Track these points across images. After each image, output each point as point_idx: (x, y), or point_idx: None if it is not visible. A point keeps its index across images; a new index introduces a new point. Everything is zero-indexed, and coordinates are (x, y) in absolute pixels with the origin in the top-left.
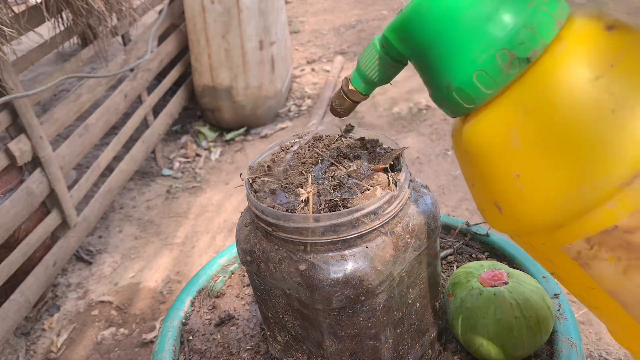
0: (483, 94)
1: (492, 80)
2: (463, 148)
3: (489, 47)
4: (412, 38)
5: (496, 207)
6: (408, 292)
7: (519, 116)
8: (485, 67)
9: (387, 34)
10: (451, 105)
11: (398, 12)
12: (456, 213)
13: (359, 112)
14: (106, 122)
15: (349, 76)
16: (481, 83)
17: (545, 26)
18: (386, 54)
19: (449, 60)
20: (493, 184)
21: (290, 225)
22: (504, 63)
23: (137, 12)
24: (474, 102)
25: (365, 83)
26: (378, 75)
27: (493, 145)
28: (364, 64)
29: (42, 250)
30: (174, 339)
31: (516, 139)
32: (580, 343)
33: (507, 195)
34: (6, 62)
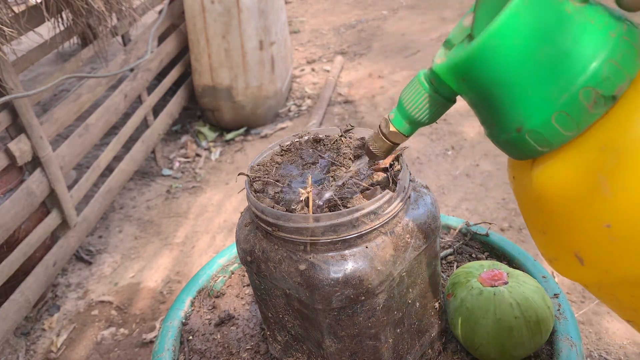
0: (562, 136)
1: (574, 122)
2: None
3: (570, 85)
4: (476, 78)
5: (577, 257)
6: (408, 292)
7: (608, 160)
8: (567, 108)
9: (441, 72)
10: (520, 148)
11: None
12: (456, 213)
13: (359, 112)
14: (106, 122)
15: (389, 117)
16: (561, 125)
17: (629, 58)
18: (436, 92)
19: (521, 102)
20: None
21: (290, 225)
22: (587, 102)
23: (137, 12)
24: (550, 145)
25: (410, 124)
26: (426, 115)
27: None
28: (408, 104)
29: (42, 250)
30: (174, 339)
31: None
32: (580, 343)
33: (593, 247)
34: (6, 62)
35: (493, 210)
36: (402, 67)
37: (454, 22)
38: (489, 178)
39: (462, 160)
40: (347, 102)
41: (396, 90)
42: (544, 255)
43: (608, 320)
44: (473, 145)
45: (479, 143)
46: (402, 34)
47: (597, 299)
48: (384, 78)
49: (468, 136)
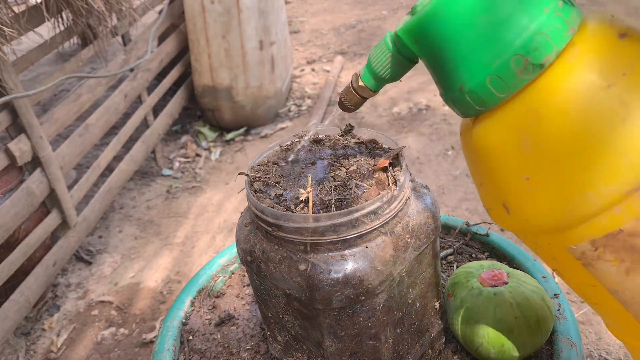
0: (496, 97)
1: (505, 85)
2: (472, 148)
3: (503, 52)
4: (426, 40)
5: (504, 207)
6: (408, 292)
7: (531, 121)
8: (499, 72)
9: (401, 33)
10: (462, 106)
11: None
12: (456, 213)
13: (359, 112)
14: (106, 122)
15: (359, 72)
16: (494, 87)
17: (559, 32)
18: (398, 52)
19: (463, 63)
20: (502, 185)
21: (290, 225)
22: (517, 68)
23: (137, 12)
24: (486, 105)
25: (375, 80)
26: (389, 72)
27: (504, 148)
28: (375, 61)
29: (42, 250)
30: (174, 339)
31: (527, 143)
32: (580, 343)
33: (515, 197)
34: (6, 62)
35: None
36: None
37: None
38: None
39: (462, 160)
40: None
41: (396, 90)
42: (483, 204)
43: None
44: None
45: None
46: None
47: None
48: None
49: None
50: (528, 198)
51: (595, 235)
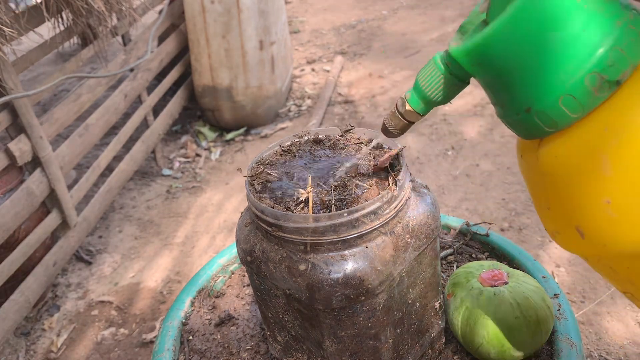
0: (569, 118)
1: (579, 105)
2: (539, 171)
3: (577, 70)
4: (490, 61)
5: (577, 231)
6: (408, 292)
7: (610, 141)
8: (573, 91)
9: (457, 55)
10: (528, 128)
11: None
12: (456, 213)
13: (359, 112)
14: (106, 122)
15: (406, 96)
16: (567, 107)
17: (634, 46)
18: (451, 74)
19: (531, 84)
20: (577, 209)
21: (290, 225)
22: (593, 86)
23: (137, 12)
24: (557, 126)
25: (425, 103)
26: (441, 95)
27: (580, 171)
28: (424, 84)
29: (42, 250)
30: (174, 339)
31: (607, 165)
32: (580, 343)
33: (593, 221)
34: (6, 62)
35: (493, 210)
36: (402, 67)
37: (454, 22)
38: (489, 178)
39: (462, 160)
40: (347, 102)
41: (396, 90)
42: (547, 229)
43: (608, 320)
44: (473, 145)
45: (479, 143)
46: (402, 34)
47: (597, 299)
48: (384, 78)
49: (468, 136)
50: (608, 222)
51: None
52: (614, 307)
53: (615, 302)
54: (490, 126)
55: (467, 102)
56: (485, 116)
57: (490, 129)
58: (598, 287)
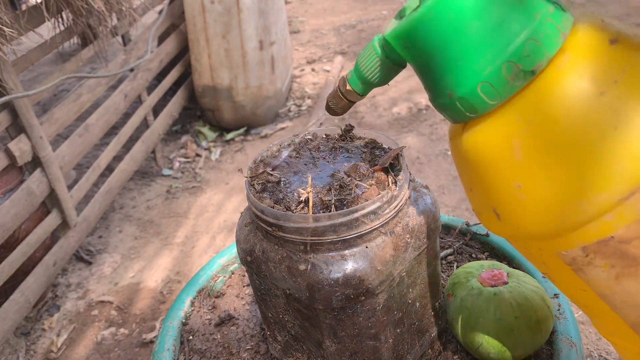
0: (487, 104)
1: (497, 92)
2: (462, 154)
3: (494, 59)
4: (416, 46)
5: (494, 213)
6: (408, 292)
7: (522, 128)
8: (491, 79)
9: (390, 39)
10: (452, 112)
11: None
12: (456, 213)
13: (359, 112)
14: (106, 122)
15: (347, 76)
16: (485, 94)
17: (550, 39)
18: (386, 57)
19: (453, 70)
20: (493, 192)
21: (290, 225)
22: (509, 75)
23: (137, 12)
24: (476, 111)
25: (363, 84)
26: (377, 77)
27: (495, 156)
28: (363, 65)
29: (42, 250)
30: (174, 339)
31: (518, 150)
32: (580, 343)
33: (506, 203)
34: (6, 62)
35: None
36: None
37: None
38: None
39: None
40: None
41: (396, 90)
42: (473, 209)
43: None
44: None
45: None
46: None
47: None
48: None
49: None
50: (519, 205)
51: (586, 242)
52: None
53: None
54: None
55: None
56: None
57: None
58: None
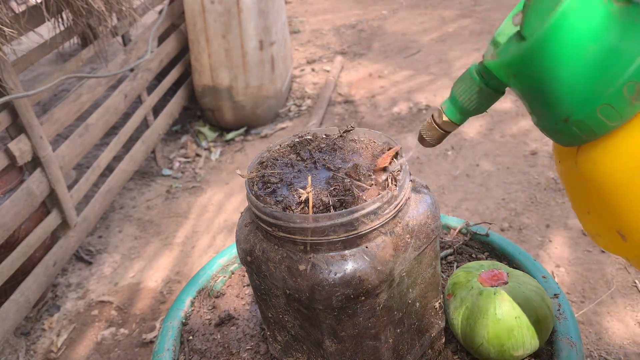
0: (607, 126)
1: (618, 114)
2: (579, 177)
3: (615, 80)
4: (527, 74)
5: (619, 234)
6: (408, 292)
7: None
8: (611, 101)
9: (493, 67)
10: (566, 137)
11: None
12: (456, 213)
13: (359, 112)
14: (106, 122)
15: (442, 107)
16: (605, 116)
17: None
18: (486, 85)
19: (569, 95)
20: (619, 213)
21: (290, 225)
22: (631, 95)
23: (137, 12)
24: (595, 135)
25: (461, 114)
26: (476, 105)
27: (622, 177)
28: (460, 95)
29: (42, 250)
30: (174, 339)
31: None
32: (580, 343)
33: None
34: (6, 62)
35: (493, 210)
36: (402, 67)
37: (454, 22)
38: (489, 178)
39: (462, 160)
40: (347, 102)
41: (396, 90)
42: (587, 231)
43: (608, 320)
44: (473, 145)
45: (479, 143)
46: (402, 33)
47: (597, 299)
48: (384, 78)
49: (468, 136)
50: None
51: None
52: (614, 307)
53: (615, 302)
54: (490, 126)
55: None
56: (485, 116)
57: (490, 129)
58: (598, 287)
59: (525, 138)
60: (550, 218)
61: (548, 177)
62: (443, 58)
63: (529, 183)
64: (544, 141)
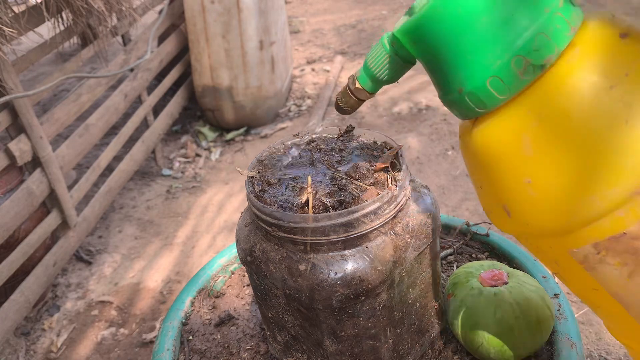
0: (496, 99)
1: (506, 87)
2: (472, 151)
3: (504, 53)
4: (425, 41)
5: (504, 210)
6: (408, 292)
7: (532, 123)
8: (500, 73)
9: (399, 35)
10: (461, 108)
11: (408, 13)
12: (456, 213)
13: (359, 112)
14: (106, 122)
15: (356, 74)
16: (494, 89)
17: (560, 33)
18: (396, 53)
19: (462, 65)
20: (502, 188)
21: (290, 225)
22: (518, 69)
23: (137, 12)
24: (485, 106)
25: (373, 82)
26: (386, 74)
27: (504, 151)
28: (372, 63)
29: (42, 250)
30: (174, 339)
31: (528, 145)
32: (580, 343)
33: (516, 200)
34: (6, 62)
35: None
36: None
37: None
38: None
39: (462, 160)
40: None
41: (396, 90)
42: (483, 207)
43: None
44: None
45: None
46: None
47: None
48: None
49: None
50: (529, 201)
51: (598, 239)
52: None
53: None
54: None
55: None
56: None
57: None
58: None
59: None
60: None
61: None
62: None
63: None
64: None
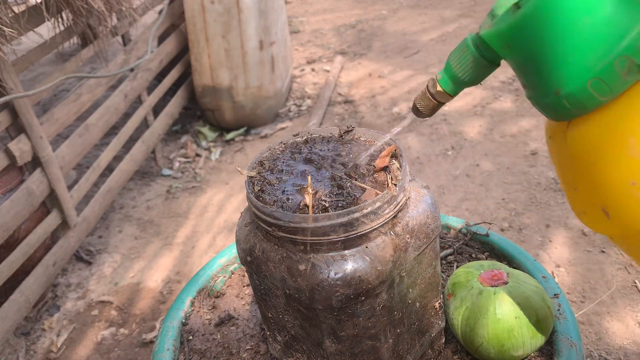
0: (597, 101)
1: (608, 88)
2: (568, 152)
3: (607, 54)
4: (520, 44)
5: (603, 212)
6: (408, 292)
7: (637, 124)
8: (602, 75)
9: (487, 37)
10: (557, 110)
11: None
12: (456, 213)
13: (359, 112)
14: (106, 122)
15: (436, 77)
16: (596, 90)
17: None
18: (481, 55)
19: (561, 67)
20: (604, 190)
21: (290, 225)
22: (622, 70)
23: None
24: (585, 109)
25: (455, 84)
26: (470, 76)
27: (608, 153)
28: (455, 65)
29: (42, 250)
30: (174, 339)
31: (634, 147)
32: (580, 343)
33: (619, 202)
34: (6, 62)
35: (493, 210)
36: (402, 67)
37: (454, 21)
38: (489, 178)
39: (462, 160)
40: (347, 102)
41: (396, 90)
42: (573, 209)
43: (608, 320)
44: (473, 145)
45: (479, 143)
46: (402, 33)
47: (597, 299)
48: (384, 78)
49: (468, 136)
50: (634, 203)
51: None
52: (614, 307)
53: (615, 302)
54: (490, 126)
55: (467, 102)
56: (485, 116)
57: (490, 129)
58: (598, 287)
59: (525, 138)
60: (550, 218)
61: (548, 177)
62: (443, 58)
63: (529, 183)
64: (544, 141)
